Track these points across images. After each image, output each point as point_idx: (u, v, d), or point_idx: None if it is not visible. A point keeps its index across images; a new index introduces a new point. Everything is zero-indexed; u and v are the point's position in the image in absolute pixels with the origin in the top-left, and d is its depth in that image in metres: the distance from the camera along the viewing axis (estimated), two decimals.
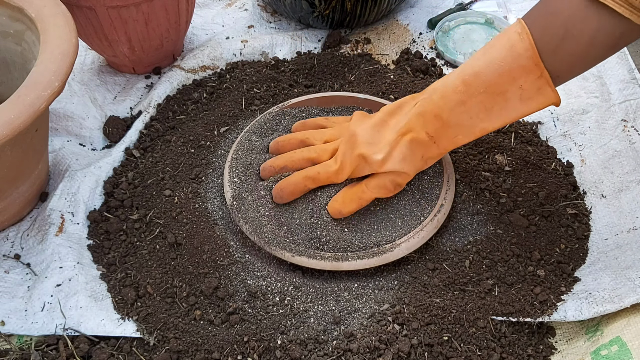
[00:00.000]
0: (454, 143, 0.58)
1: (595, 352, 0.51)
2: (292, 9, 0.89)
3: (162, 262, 0.62)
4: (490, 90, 0.54)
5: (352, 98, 0.74)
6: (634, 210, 0.63)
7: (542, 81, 0.52)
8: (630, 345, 0.50)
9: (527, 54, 0.52)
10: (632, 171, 0.66)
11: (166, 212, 0.66)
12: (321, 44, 0.90)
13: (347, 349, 0.55)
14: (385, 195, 0.61)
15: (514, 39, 0.52)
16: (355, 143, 0.60)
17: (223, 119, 0.76)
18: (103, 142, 0.77)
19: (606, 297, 0.54)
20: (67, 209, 0.66)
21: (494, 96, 0.54)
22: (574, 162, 0.71)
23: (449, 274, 0.60)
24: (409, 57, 0.87)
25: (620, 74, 0.77)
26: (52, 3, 0.63)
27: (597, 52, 0.51)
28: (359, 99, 0.74)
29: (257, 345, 0.55)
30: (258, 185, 0.64)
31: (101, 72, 0.86)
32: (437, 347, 0.54)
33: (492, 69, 0.53)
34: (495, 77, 0.53)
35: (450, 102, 0.56)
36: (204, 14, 0.96)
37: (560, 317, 0.55)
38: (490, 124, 0.56)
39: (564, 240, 0.63)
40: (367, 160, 0.59)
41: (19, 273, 0.63)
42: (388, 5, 0.88)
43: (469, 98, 0.55)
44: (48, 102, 0.55)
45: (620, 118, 0.72)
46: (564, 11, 0.50)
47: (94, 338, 0.57)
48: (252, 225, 0.61)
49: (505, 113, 0.55)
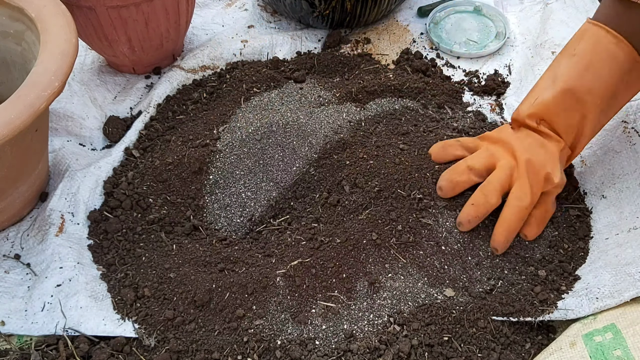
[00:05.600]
0: (582, 148, 0.64)
1: (587, 337, 0.51)
2: (292, 9, 0.89)
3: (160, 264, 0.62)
4: (606, 99, 0.60)
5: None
6: (635, 211, 0.63)
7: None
8: (624, 332, 0.50)
9: (629, 58, 0.58)
10: (633, 172, 0.66)
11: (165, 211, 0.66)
12: (321, 44, 0.90)
13: (347, 350, 0.55)
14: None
15: (613, 51, 0.58)
16: (535, 167, 0.61)
17: (222, 118, 0.76)
18: (103, 142, 0.77)
19: (606, 292, 0.54)
20: (67, 209, 0.66)
21: (607, 99, 0.60)
22: (575, 163, 0.71)
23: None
24: (409, 57, 0.87)
25: None
26: (52, 3, 0.63)
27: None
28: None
29: (257, 346, 0.55)
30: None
31: (101, 72, 0.86)
32: (438, 347, 0.54)
33: (602, 82, 0.59)
34: (607, 87, 0.59)
35: (575, 119, 0.61)
36: (204, 14, 0.96)
37: (561, 315, 0.55)
38: (608, 119, 0.63)
39: (567, 241, 0.63)
40: (549, 180, 0.61)
41: (19, 273, 0.63)
42: (388, 5, 0.88)
43: (589, 112, 0.60)
44: (48, 102, 0.55)
45: (620, 119, 0.72)
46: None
47: (94, 338, 0.57)
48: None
49: (617, 107, 0.62)
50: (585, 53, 0.60)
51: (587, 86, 0.59)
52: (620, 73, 0.59)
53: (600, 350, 0.50)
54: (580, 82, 0.60)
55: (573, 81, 0.60)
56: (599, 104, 0.60)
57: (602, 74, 0.59)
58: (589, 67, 0.59)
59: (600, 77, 0.59)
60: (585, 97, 0.59)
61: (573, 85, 0.60)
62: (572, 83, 0.60)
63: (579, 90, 0.60)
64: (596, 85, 0.59)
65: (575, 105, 0.60)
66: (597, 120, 0.61)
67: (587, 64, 0.59)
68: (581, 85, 0.59)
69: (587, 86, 0.59)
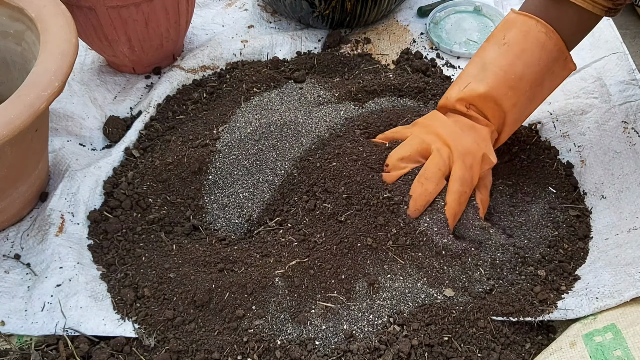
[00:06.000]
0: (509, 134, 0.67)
1: (587, 337, 0.51)
2: (292, 9, 0.89)
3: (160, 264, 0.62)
4: (534, 85, 0.63)
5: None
6: (634, 211, 0.63)
7: (567, 61, 0.63)
8: (624, 333, 0.50)
9: (556, 48, 0.61)
10: (633, 172, 0.66)
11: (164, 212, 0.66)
12: (321, 44, 0.90)
13: (347, 350, 0.55)
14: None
15: (542, 40, 0.61)
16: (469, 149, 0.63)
17: (222, 118, 0.76)
18: (103, 142, 0.77)
19: (606, 292, 0.55)
20: (67, 209, 0.66)
21: (535, 88, 0.63)
22: (575, 163, 0.71)
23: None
24: (409, 57, 0.87)
25: (620, 75, 0.77)
26: (52, 3, 0.63)
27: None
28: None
29: (257, 346, 0.55)
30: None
31: (101, 72, 0.86)
32: (438, 347, 0.54)
33: (531, 70, 0.62)
34: (536, 75, 0.62)
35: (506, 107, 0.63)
36: (204, 14, 0.96)
37: (560, 315, 0.55)
38: (532, 110, 0.66)
39: (566, 241, 0.63)
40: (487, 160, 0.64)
41: (19, 273, 0.63)
42: (388, 5, 0.88)
43: (518, 99, 0.63)
44: (48, 102, 0.55)
45: (620, 119, 0.72)
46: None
47: (94, 338, 0.57)
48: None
49: (542, 97, 0.65)
50: (516, 42, 0.62)
51: (519, 73, 0.61)
52: (548, 62, 0.61)
53: (600, 350, 0.50)
54: (512, 69, 0.62)
55: (505, 68, 0.62)
56: (527, 91, 0.62)
57: (532, 61, 0.61)
58: (520, 55, 0.62)
59: (530, 65, 0.61)
60: (516, 84, 0.62)
61: (505, 72, 0.62)
62: (504, 70, 0.62)
63: (510, 78, 0.62)
64: (527, 73, 0.62)
65: (506, 91, 0.62)
66: (524, 107, 0.64)
67: (519, 52, 0.62)
68: (513, 73, 0.62)
69: (519, 73, 0.61)
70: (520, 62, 0.62)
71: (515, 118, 0.65)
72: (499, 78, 0.62)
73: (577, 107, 0.76)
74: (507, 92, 0.62)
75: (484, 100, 0.63)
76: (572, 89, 0.78)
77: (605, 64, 0.78)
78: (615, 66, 0.78)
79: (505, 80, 0.62)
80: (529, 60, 0.61)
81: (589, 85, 0.77)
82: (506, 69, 0.62)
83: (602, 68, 0.78)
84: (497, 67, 0.62)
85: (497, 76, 0.62)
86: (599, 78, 0.78)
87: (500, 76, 0.62)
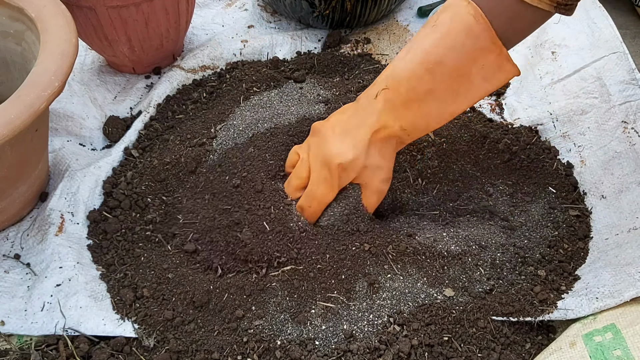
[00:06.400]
0: (426, 130, 0.60)
1: (587, 337, 0.51)
2: (292, 9, 0.89)
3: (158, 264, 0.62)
4: (455, 75, 0.55)
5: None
6: (634, 211, 0.63)
7: (502, 58, 0.54)
8: (624, 332, 0.50)
9: (484, 35, 0.53)
10: (632, 172, 0.66)
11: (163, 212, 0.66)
12: (321, 43, 0.90)
13: (347, 350, 0.55)
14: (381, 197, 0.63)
15: (469, 22, 0.53)
16: (329, 156, 0.60)
17: (221, 117, 0.76)
18: (103, 142, 0.77)
19: (606, 292, 0.55)
20: (67, 208, 0.66)
21: (459, 80, 0.56)
22: (575, 163, 0.71)
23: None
24: None
25: (620, 75, 0.77)
26: (52, 3, 0.63)
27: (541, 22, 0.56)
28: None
29: (257, 346, 0.55)
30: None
31: (101, 72, 0.86)
32: (438, 347, 0.54)
33: (453, 54, 0.55)
34: (458, 62, 0.55)
35: (419, 93, 0.57)
36: (204, 14, 0.96)
37: (560, 315, 0.55)
38: (458, 106, 0.58)
39: (566, 241, 0.63)
40: (346, 168, 0.60)
41: (19, 273, 0.63)
42: (388, 5, 0.88)
43: (436, 85, 0.56)
44: (48, 102, 0.55)
45: (620, 119, 0.72)
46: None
47: (94, 338, 0.57)
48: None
49: (471, 94, 0.57)
50: (443, 23, 0.55)
51: (439, 55, 0.55)
52: (475, 50, 0.54)
53: (600, 350, 0.50)
54: (434, 51, 0.55)
55: (426, 49, 0.56)
56: (447, 80, 0.56)
57: (455, 45, 0.54)
58: (444, 37, 0.55)
59: (452, 49, 0.54)
60: (435, 68, 0.55)
61: (425, 53, 0.56)
62: (425, 51, 0.56)
63: (430, 59, 0.55)
64: (448, 57, 0.55)
65: (422, 74, 0.56)
66: (443, 98, 0.57)
67: (444, 34, 0.55)
68: (434, 54, 0.55)
69: (439, 55, 0.55)
70: (443, 44, 0.55)
71: (431, 110, 0.57)
72: (418, 59, 0.56)
73: (577, 107, 0.76)
74: (424, 75, 0.56)
75: (397, 83, 0.57)
76: (572, 89, 0.78)
77: (605, 63, 0.78)
78: (615, 66, 0.78)
79: (424, 61, 0.56)
80: (452, 43, 0.54)
81: (589, 85, 0.77)
82: (428, 50, 0.56)
83: (602, 68, 0.78)
84: (420, 48, 0.56)
85: (416, 57, 0.56)
86: (599, 78, 0.78)
87: (419, 57, 0.56)
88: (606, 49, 0.79)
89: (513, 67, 0.55)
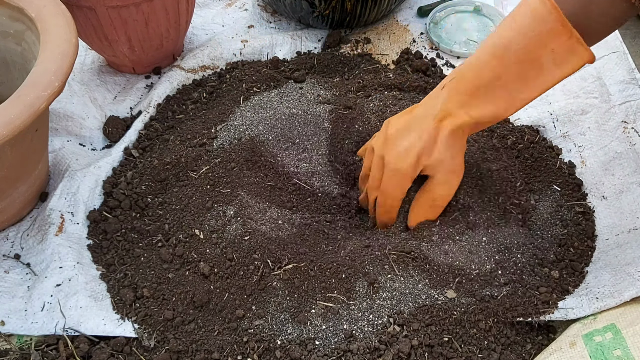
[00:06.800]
0: (496, 118, 0.57)
1: (587, 337, 0.51)
2: (292, 9, 0.89)
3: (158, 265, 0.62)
4: (523, 59, 0.53)
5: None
6: (635, 212, 0.63)
7: (573, 41, 0.52)
8: (624, 332, 0.50)
9: (551, 17, 0.51)
10: (633, 173, 0.66)
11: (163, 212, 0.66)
12: (321, 43, 0.90)
13: (347, 350, 0.55)
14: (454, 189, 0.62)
15: (534, 5, 0.52)
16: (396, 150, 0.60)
17: (221, 117, 0.76)
18: (103, 142, 0.77)
19: (606, 292, 0.55)
20: (67, 208, 0.66)
21: (528, 65, 0.53)
22: (575, 163, 0.71)
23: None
24: (409, 57, 0.87)
25: (619, 74, 0.77)
26: (52, 3, 0.63)
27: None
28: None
29: (257, 346, 0.55)
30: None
31: (101, 72, 0.86)
32: (438, 347, 0.54)
33: (520, 38, 0.53)
34: (525, 46, 0.53)
35: (486, 79, 0.55)
36: (204, 14, 0.96)
37: (561, 315, 0.55)
38: (529, 93, 0.55)
39: (576, 238, 0.63)
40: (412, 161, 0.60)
41: (19, 273, 0.63)
42: (388, 5, 0.88)
43: (503, 71, 0.54)
44: (48, 102, 0.55)
45: (620, 119, 0.72)
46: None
47: (94, 338, 0.57)
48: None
49: (542, 80, 0.54)
50: (514, 10, 0.55)
51: (506, 40, 0.54)
52: (542, 32, 0.52)
53: (600, 350, 0.50)
54: (501, 35, 0.54)
55: (493, 36, 0.55)
56: (515, 65, 0.54)
57: (521, 28, 0.53)
58: (510, 22, 0.54)
59: (519, 32, 0.53)
60: (502, 53, 0.54)
61: (493, 40, 0.55)
62: (493, 38, 0.55)
63: (497, 44, 0.54)
64: (515, 41, 0.53)
65: (489, 59, 0.55)
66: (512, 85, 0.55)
67: (510, 19, 0.54)
68: (501, 38, 0.54)
69: (506, 40, 0.54)
70: (509, 28, 0.54)
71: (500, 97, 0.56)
72: (485, 46, 0.55)
73: (577, 107, 0.76)
74: (490, 60, 0.55)
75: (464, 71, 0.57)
76: (572, 89, 0.78)
77: (605, 63, 0.78)
78: (615, 65, 0.78)
79: (490, 47, 0.55)
80: (518, 27, 0.53)
81: (589, 85, 0.77)
82: (494, 36, 0.55)
83: (602, 67, 0.78)
84: (489, 37, 0.56)
85: (484, 44, 0.56)
86: (599, 78, 0.78)
87: (487, 44, 0.55)
88: (606, 48, 0.80)
89: (586, 50, 0.52)
